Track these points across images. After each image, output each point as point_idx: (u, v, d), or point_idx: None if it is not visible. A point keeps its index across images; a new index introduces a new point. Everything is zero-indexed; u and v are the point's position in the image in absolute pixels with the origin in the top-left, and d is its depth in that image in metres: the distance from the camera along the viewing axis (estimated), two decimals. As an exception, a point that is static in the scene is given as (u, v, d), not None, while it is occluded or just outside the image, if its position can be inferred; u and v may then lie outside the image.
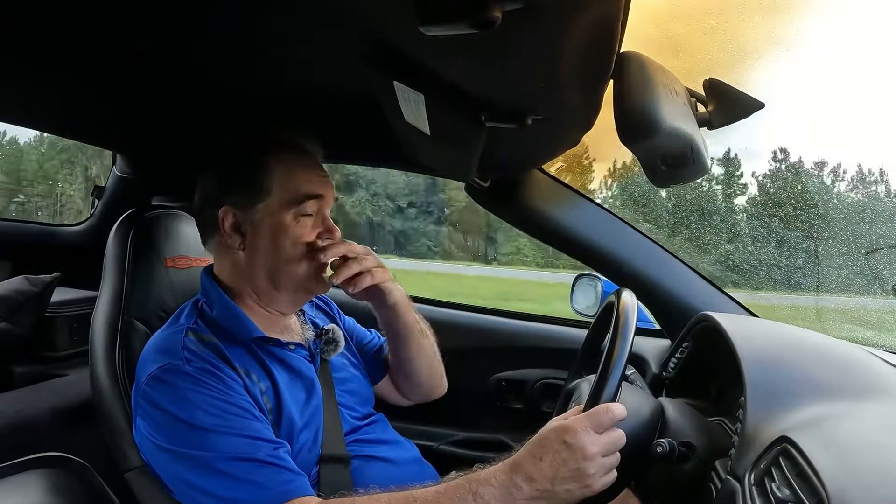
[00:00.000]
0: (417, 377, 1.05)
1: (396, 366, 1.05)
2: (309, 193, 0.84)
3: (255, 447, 0.71)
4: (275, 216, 0.83)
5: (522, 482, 0.63)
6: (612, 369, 0.67)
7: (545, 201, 1.16)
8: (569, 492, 0.63)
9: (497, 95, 0.62)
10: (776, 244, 1.92)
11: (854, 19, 1.90)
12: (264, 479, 0.69)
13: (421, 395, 1.10)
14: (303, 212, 0.83)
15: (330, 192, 0.87)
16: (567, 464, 0.63)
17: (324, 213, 0.86)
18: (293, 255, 0.83)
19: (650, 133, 0.53)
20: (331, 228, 0.86)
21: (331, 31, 0.68)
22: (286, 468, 0.72)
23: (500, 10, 0.36)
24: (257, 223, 0.83)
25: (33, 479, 0.78)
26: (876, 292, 1.62)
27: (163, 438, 0.72)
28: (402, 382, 1.08)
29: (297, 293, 0.88)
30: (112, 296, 0.90)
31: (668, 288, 1.16)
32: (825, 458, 0.52)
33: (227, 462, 0.69)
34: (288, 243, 0.83)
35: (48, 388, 1.21)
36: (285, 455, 0.74)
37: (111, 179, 1.51)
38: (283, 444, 0.75)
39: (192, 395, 0.72)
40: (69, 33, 0.75)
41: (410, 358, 1.02)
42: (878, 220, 1.61)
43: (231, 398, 0.74)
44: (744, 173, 6.21)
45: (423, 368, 1.04)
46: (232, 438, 0.71)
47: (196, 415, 0.71)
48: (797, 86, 2.31)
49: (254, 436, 0.72)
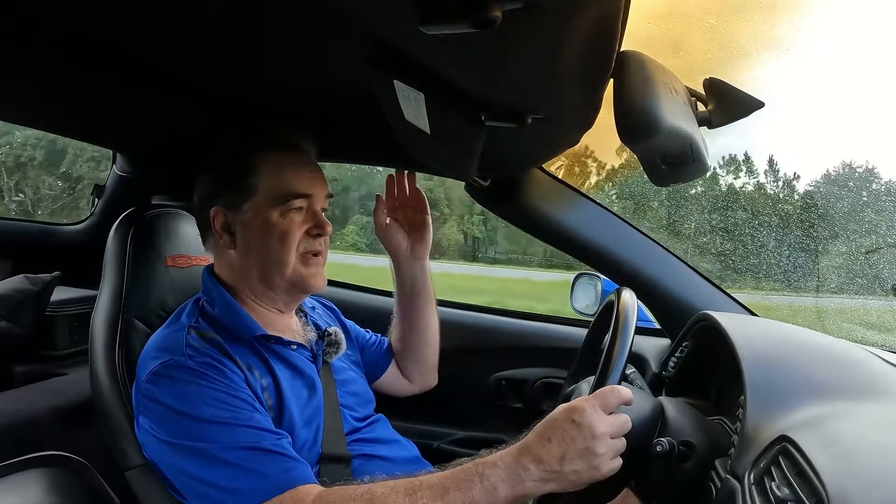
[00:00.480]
0: (427, 350, 1.11)
1: (408, 341, 1.11)
2: (296, 192, 0.84)
3: (258, 437, 0.71)
4: (262, 214, 0.83)
5: (530, 463, 0.63)
6: (612, 368, 0.67)
7: (545, 200, 1.15)
8: (576, 473, 0.62)
9: (497, 95, 0.62)
10: (776, 244, 1.92)
11: (855, 18, 1.90)
12: (267, 467, 0.69)
13: (423, 378, 1.14)
14: (290, 208, 0.83)
15: (320, 189, 0.87)
16: (576, 442, 0.62)
17: (314, 208, 0.86)
18: (280, 252, 0.83)
19: (650, 132, 0.53)
20: (321, 223, 0.86)
21: (331, 31, 0.67)
22: (289, 456, 0.72)
23: (500, 10, 0.36)
24: (246, 222, 0.84)
25: (33, 477, 0.78)
26: (876, 292, 1.62)
27: (165, 432, 0.72)
28: (411, 363, 1.12)
29: (290, 291, 0.88)
30: (112, 295, 0.90)
31: (667, 287, 1.16)
32: (825, 457, 0.52)
33: (230, 451, 0.69)
34: (275, 240, 0.83)
35: (48, 388, 1.21)
36: (287, 445, 0.74)
37: (111, 178, 1.51)
38: (284, 435, 0.75)
39: (194, 389, 0.73)
40: (69, 33, 0.75)
41: (426, 326, 1.09)
42: (879, 221, 1.61)
43: (233, 391, 0.74)
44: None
45: (434, 340, 1.12)
46: (235, 429, 0.71)
47: (199, 407, 0.71)
48: (797, 85, 2.31)
49: (256, 426, 0.72)
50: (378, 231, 1.06)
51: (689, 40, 1.30)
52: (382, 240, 1.07)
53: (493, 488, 0.62)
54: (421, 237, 1.07)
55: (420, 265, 1.08)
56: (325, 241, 0.88)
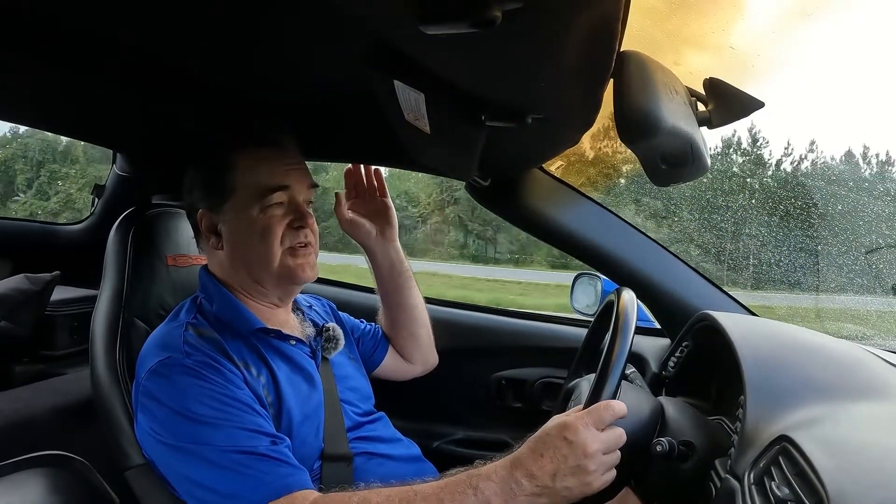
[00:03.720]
0: (419, 329, 1.13)
1: (400, 323, 1.12)
2: (272, 185, 0.84)
3: (254, 440, 0.71)
4: (242, 213, 0.84)
5: (523, 478, 0.63)
6: (612, 368, 0.67)
7: (545, 200, 1.15)
8: (568, 489, 0.63)
9: (497, 95, 0.62)
10: (776, 243, 1.92)
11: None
12: (263, 473, 0.69)
13: (423, 356, 1.16)
14: (269, 203, 0.83)
15: (299, 181, 0.87)
16: (567, 460, 0.63)
17: (296, 200, 0.86)
18: (264, 249, 0.84)
19: (650, 132, 0.53)
20: (303, 214, 0.86)
21: (332, 31, 0.67)
22: (286, 462, 0.72)
23: (500, 10, 0.36)
24: (229, 223, 0.85)
25: (33, 477, 0.78)
26: (876, 292, 1.62)
27: (162, 432, 0.72)
28: (407, 343, 1.13)
29: (280, 284, 0.88)
30: (112, 294, 0.90)
31: (667, 287, 1.16)
32: (825, 457, 0.52)
33: (225, 455, 0.69)
34: (257, 237, 0.83)
35: (48, 387, 1.22)
36: (285, 449, 0.74)
37: (111, 178, 1.51)
38: (283, 439, 0.75)
39: (191, 388, 0.73)
40: (69, 33, 0.75)
41: (413, 305, 1.11)
42: (879, 220, 1.61)
43: (231, 392, 0.74)
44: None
45: (423, 317, 1.14)
46: (231, 431, 0.71)
47: (195, 407, 0.71)
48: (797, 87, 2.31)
49: (253, 429, 0.72)
50: (344, 226, 1.07)
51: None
52: (350, 233, 1.08)
53: (486, 501, 0.63)
54: (387, 220, 1.09)
55: (393, 247, 1.10)
56: (314, 232, 0.88)
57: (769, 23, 1.62)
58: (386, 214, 1.09)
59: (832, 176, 1.94)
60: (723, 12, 1.21)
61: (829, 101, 2.72)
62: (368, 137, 1.14)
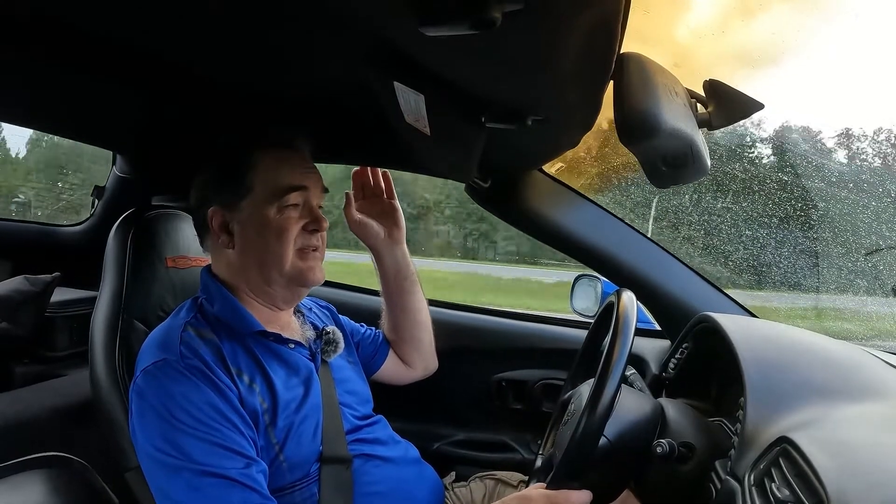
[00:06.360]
0: (421, 333, 1.13)
1: (402, 327, 1.12)
2: (291, 185, 0.84)
3: (227, 461, 0.71)
4: (258, 211, 0.84)
5: None
6: (612, 370, 0.67)
7: (545, 201, 1.16)
8: None
9: (497, 96, 0.62)
10: (776, 244, 1.92)
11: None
12: (232, 500, 0.69)
13: (423, 361, 1.16)
14: (286, 204, 0.84)
15: (315, 184, 0.88)
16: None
17: (310, 203, 0.87)
18: (278, 248, 0.84)
19: (650, 134, 0.53)
20: (318, 218, 0.87)
21: (332, 32, 0.67)
22: (255, 490, 0.72)
23: (500, 11, 0.36)
24: (243, 220, 0.85)
25: (33, 478, 0.78)
26: (876, 293, 1.62)
27: (144, 433, 0.73)
28: (408, 347, 1.13)
29: (289, 286, 0.88)
30: (112, 296, 0.90)
31: (667, 288, 1.16)
32: (825, 458, 0.52)
33: (198, 476, 0.69)
34: (273, 237, 0.84)
35: (48, 388, 1.21)
36: (258, 475, 0.73)
37: (111, 179, 1.51)
38: (258, 463, 0.75)
39: (177, 393, 0.73)
40: (69, 33, 0.75)
41: (417, 309, 1.11)
42: (879, 220, 1.61)
43: (216, 404, 0.74)
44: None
45: (426, 321, 1.14)
46: (207, 446, 0.71)
47: (178, 413, 0.71)
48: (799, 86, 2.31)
49: (230, 447, 0.72)
50: (352, 227, 1.07)
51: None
52: (358, 234, 1.08)
53: None
54: (395, 222, 1.09)
55: (400, 249, 1.10)
56: (323, 237, 0.89)
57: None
58: (393, 216, 1.10)
59: (832, 177, 1.94)
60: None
61: (829, 101, 2.71)
62: (368, 139, 1.14)
